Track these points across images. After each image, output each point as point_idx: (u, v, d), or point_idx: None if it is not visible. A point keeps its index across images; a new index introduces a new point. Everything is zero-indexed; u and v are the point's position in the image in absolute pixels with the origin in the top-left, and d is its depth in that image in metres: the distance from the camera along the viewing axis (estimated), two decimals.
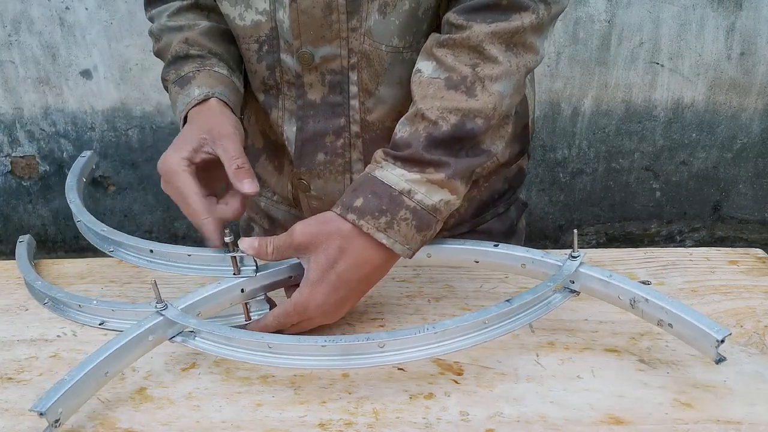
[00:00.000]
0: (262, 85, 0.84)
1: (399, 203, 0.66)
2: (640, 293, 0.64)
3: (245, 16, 0.79)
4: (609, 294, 0.67)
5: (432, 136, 0.66)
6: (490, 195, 0.92)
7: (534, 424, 0.58)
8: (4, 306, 0.79)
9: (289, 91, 0.82)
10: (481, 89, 0.67)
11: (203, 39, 0.82)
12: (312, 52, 0.77)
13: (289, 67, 0.80)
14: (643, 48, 2.18)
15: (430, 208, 0.66)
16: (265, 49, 0.80)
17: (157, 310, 0.64)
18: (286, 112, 0.84)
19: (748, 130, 2.31)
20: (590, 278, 0.67)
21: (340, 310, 0.69)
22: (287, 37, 0.77)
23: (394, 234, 0.66)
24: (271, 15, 0.77)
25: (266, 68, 0.81)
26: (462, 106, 0.66)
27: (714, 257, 0.85)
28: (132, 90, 2.17)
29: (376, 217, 0.65)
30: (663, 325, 0.63)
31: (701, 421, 0.58)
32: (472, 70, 0.67)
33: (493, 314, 0.62)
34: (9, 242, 2.50)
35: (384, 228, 0.65)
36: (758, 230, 2.47)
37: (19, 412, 0.62)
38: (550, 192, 2.38)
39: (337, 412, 0.60)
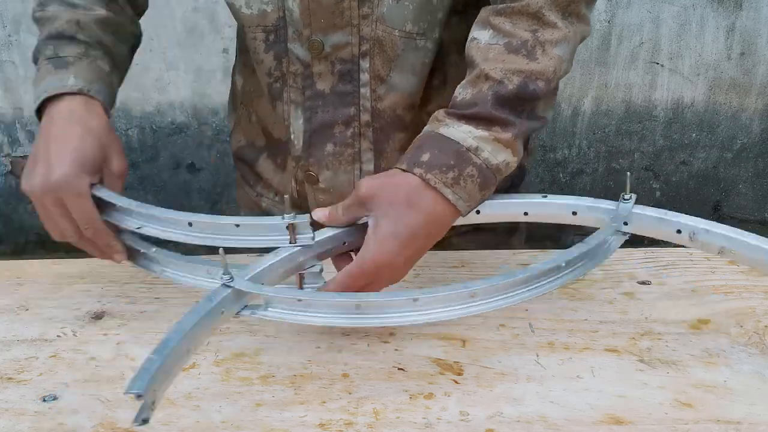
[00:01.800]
0: (267, 76, 0.83)
1: (466, 159, 0.65)
2: (699, 225, 0.67)
3: (252, 4, 0.78)
4: (665, 230, 0.69)
5: (499, 94, 0.66)
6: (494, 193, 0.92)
7: (534, 424, 0.58)
8: (4, 306, 0.79)
9: (294, 83, 0.81)
10: (541, 53, 0.67)
11: (95, 27, 0.78)
12: (322, 40, 0.76)
13: (297, 57, 0.79)
14: (643, 48, 2.18)
15: (494, 167, 0.66)
16: (272, 38, 0.79)
17: (224, 282, 0.60)
18: (291, 104, 0.83)
19: (748, 130, 2.31)
20: (645, 217, 0.69)
21: (407, 267, 0.66)
22: (297, 25, 0.77)
23: (460, 190, 0.65)
24: (279, 4, 0.76)
25: (273, 58, 0.81)
26: (524, 68, 0.66)
27: (714, 257, 0.85)
28: (132, 90, 2.17)
29: (444, 172, 0.64)
30: (725, 252, 0.66)
31: (701, 421, 0.58)
32: (533, 34, 0.67)
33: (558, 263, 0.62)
34: (9, 242, 2.50)
35: (451, 183, 0.65)
36: (758, 230, 2.47)
37: (19, 412, 0.62)
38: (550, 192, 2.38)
39: (337, 412, 0.60)
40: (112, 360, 0.69)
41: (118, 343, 0.72)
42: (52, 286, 0.84)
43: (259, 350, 0.69)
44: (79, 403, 0.63)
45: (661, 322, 0.72)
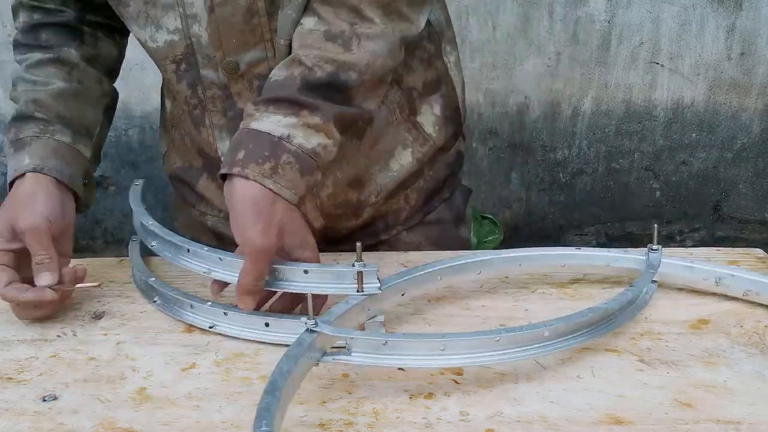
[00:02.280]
0: (185, 104, 0.83)
1: (281, 148, 0.67)
2: (724, 271, 0.75)
3: (156, 37, 0.78)
4: (693, 277, 0.76)
5: (307, 80, 0.69)
6: (435, 183, 0.93)
7: (534, 424, 0.58)
8: (4, 306, 0.79)
9: (214, 107, 0.81)
10: (357, 45, 0.71)
11: (53, 101, 0.80)
12: (237, 60, 0.76)
13: (212, 82, 0.79)
14: (643, 48, 2.18)
15: (310, 151, 0.68)
16: (183, 67, 0.79)
17: (309, 327, 0.60)
18: (215, 128, 0.83)
19: (748, 130, 2.31)
20: (674, 266, 0.76)
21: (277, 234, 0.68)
22: (207, 50, 0.77)
23: (280, 179, 0.67)
24: (185, 32, 0.76)
25: (187, 86, 0.81)
26: (338, 57, 0.70)
27: (714, 257, 0.85)
28: (132, 90, 2.17)
29: (261, 164, 0.66)
30: (750, 294, 0.74)
31: (701, 421, 0.58)
32: (351, 27, 0.71)
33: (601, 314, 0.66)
34: None
35: (270, 174, 0.66)
36: (758, 230, 2.47)
37: (19, 412, 0.62)
38: (550, 192, 2.38)
39: (337, 412, 0.60)
40: (112, 360, 0.69)
41: (118, 343, 0.72)
42: None
43: (259, 350, 0.69)
44: (79, 403, 0.63)
45: (661, 322, 0.72)
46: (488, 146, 2.33)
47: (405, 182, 0.90)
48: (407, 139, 0.88)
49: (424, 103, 0.89)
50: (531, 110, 2.28)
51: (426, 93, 0.89)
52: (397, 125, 0.87)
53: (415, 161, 0.89)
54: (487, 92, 2.26)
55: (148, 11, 0.76)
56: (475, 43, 2.18)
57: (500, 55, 2.21)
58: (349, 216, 0.90)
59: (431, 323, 0.73)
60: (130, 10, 0.77)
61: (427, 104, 0.89)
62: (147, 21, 0.77)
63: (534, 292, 0.78)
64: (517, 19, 2.16)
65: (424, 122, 0.89)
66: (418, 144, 0.89)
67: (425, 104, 0.89)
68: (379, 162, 0.88)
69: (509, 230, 2.39)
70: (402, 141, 0.88)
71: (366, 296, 0.67)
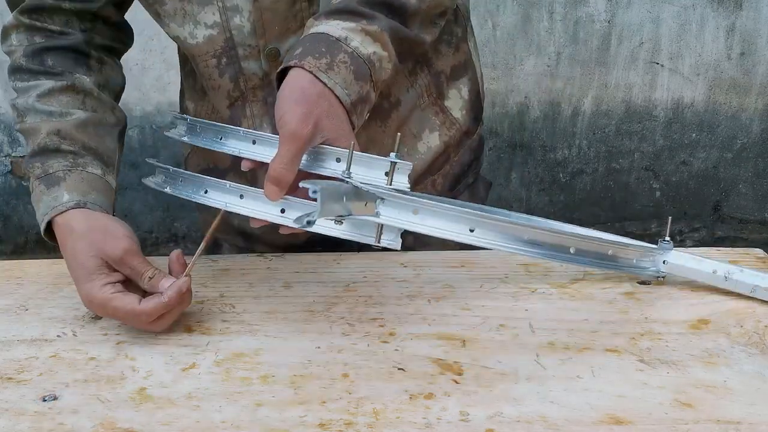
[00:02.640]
0: (227, 99, 0.82)
1: (337, 48, 0.68)
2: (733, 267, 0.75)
3: (196, 33, 0.78)
4: (702, 270, 0.77)
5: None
6: (461, 168, 0.95)
7: (534, 424, 0.58)
8: (4, 306, 0.79)
9: (254, 97, 0.81)
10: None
11: (77, 132, 0.77)
12: (278, 47, 0.77)
13: (253, 73, 0.79)
14: (643, 48, 2.18)
15: (365, 57, 0.69)
16: (224, 61, 0.79)
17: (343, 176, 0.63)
18: (255, 118, 0.83)
19: (748, 130, 2.31)
20: (684, 258, 0.78)
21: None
22: (248, 41, 0.77)
23: (335, 75, 0.67)
24: (224, 26, 0.77)
25: (229, 80, 0.81)
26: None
27: (714, 257, 0.85)
28: (132, 90, 2.18)
29: (317, 58, 0.67)
30: (757, 290, 0.74)
31: (701, 421, 0.58)
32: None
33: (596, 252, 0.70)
34: (9, 242, 2.50)
35: (325, 69, 0.67)
36: (758, 230, 2.47)
37: (19, 412, 0.62)
38: (550, 192, 2.38)
39: (337, 412, 0.60)
40: (112, 360, 0.69)
41: (118, 343, 0.72)
42: (52, 286, 0.84)
43: (259, 350, 0.69)
44: (79, 403, 0.63)
45: (661, 322, 0.72)
46: (488, 146, 2.33)
47: (432, 166, 0.91)
48: (435, 123, 0.90)
49: (452, 87, 0.91)
50: (531, 110, 2.28)
51: (453, 77, 0.91)
52: (425, 108, 0.89)
53: (443, 144, 0.91)
54: (487, 92, 2.25)
55: (185, 8, 0.76)
56: None
57: (500, 55, 2.21)
58: None
59: (431, 323, 0.73)
60: (166, 8, 0.77)
61: (455, 88, 0.91)
62: (185, 18, 0.77)
63: (534, 292, 0.78)
64: (517, 19, 2.16)
65: (451, 106, 0.91)
66: (446, 128, 0.90)
67: (453, 88, 0.91)
68: (407, 144, 0.89)
69: None
70: (429, 125, 0.89)
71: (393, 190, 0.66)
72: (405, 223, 0.62)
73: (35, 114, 0.77)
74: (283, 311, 0.76)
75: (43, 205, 0.74)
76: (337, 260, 0.87)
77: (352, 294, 0.79)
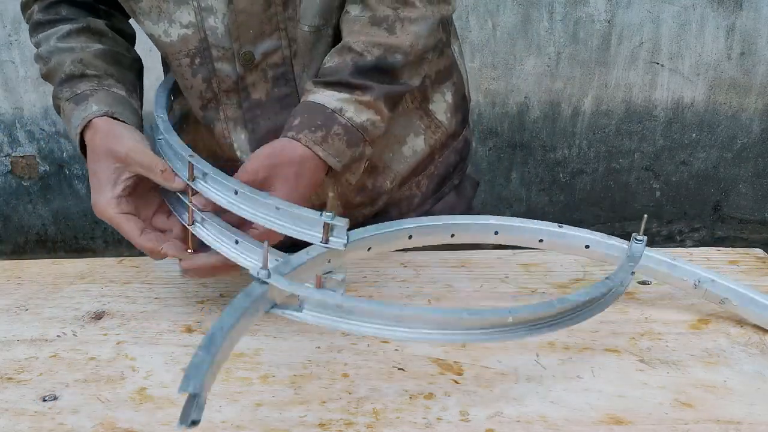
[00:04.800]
0: (199, 100, 0.83)
1: (332, 119, 0.72)
2: (705, 275, 0.70)
3: (170, 32, 0.78)
4: (673, 275, 0.72)
5: (358, 65, 0.74)
6: (446, 169, 0.96)
7: (534, 424, 0.58)
8: (4, 306, 0.79)
9: (228, 100, 0.82)
10: (401, 28, 0.75)
11: (98, 61, 0.80)
12: (252, 50, 0.78)
13: (226, 75, 0.80)
14: (643, 48, 2.18)
15: (359, 126, 0.73)
16: (197, 61, 0.80)
17: (262, 277, 0.57)
18: (229, 122, 0.83)
19: (748, 130, 2.31)
20: (656, 260, 0.72)
21: None
22: (222, 43, 0.78)
23: (328, 147, 0.72)
24: (199, 26, 0.77)
25: (202, 81, 0.81)
26: (384, 41, 0.74)
27: (714, 257, 0.85)
28: None
29: (313, 132, 0.71)
30: (727, 303, 0.70)
31: (701, 421, 0.58)
32: (394, 11, 0.75)
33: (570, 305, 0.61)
34: (9, 242, 2.50)
35: (320, 141, 0.71)
36: (758, 230, 2.47)
37: (19, 412, 0.62)
38: (550, 192, 2.38)
39: (337, 412, 0.60)
40: (112, 360, 0.69)
41: (118, 343, 0.72)
42: (52, 286, 0.84)
43: (259, 350, 0.69)
44: (79, 403, 0.63)
45: (661, 322, 0.72)
46: (488, 146, 2.33)
47: (417, 168, 0.92)
48: (419, 127, 0.90)
49: (437, 91, 0.91)
50: (531, 110, 2.28)
51: (438, 81, 0.91)
52: (409, 113, 0.89)
53: (428, 148, 0.92)
54: (487, 92, 2.26)
55: (160, 6, 0.77)
56: (475, 43, 2.18)
57: (500, 55, 2.21)
58: (367, 204, 0.92)
59: None
60: (142, 5, 0.78)
61: (440, 92, 0.92)
62: (160, 16, 0.78)
63: (534, 293, 0.78)
64: (517, 19, 2.16)
65: (436, 110, 0.91)
66: (431, 131, 0.91)
67: (437, 92, 0.91)
68: (392, 149, 0.90)
69: None
70: (414, 129, 0.90)
71: (329, 249, 0.64)
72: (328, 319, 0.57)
73: (59, 53, 0.81)
74: None
75: (74, 118, 0.76)
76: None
77: (352, 294, 0.79)
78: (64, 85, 0.79)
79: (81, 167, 2.34)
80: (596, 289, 0.63)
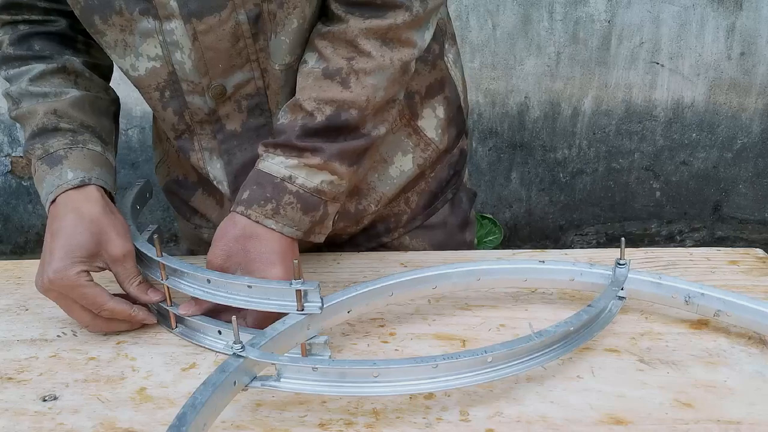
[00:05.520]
0: (173, 131, 0.80)
1: (282, 189, 0.70)
2: (695, 289, 0.69)
3: (137, 66, 0.75)
4: (661, 295, 0.71)
5: (306, 127, 0.70)
6: (438, 184, 0.91)
7: (534, 424, 0.58)
8: (4, 306, 0.79)
9: (202, 130, 0.79)
10: (355, 81, 0.70)
11: (73, 110, 0.76)
12: (223, 83, 0.75)
13: (198, 107, 0.77)
14: (643, 48, 2.18)
15: (312, 190, 0.70)
16: (167, 94, 0.77)
17: (236, 351, 0.58)
18: (204, 152, 0.81)
19: (748, 130, 2.31)
20: (641, 282, 0.71)
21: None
22: (191, 77, 0.74)
23: (281, 218, 0.69)
24: (167, 59, 0.73)
25: (173, 113, 0.78)
26: (337, 97, 0.70)
27: (714, 257, 0.85)
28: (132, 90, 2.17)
29: (262, 205, 0.69)
30: (720, 315, 0.68)
31: (701, 421, 0.58)
32: (348, 62, 0.70)
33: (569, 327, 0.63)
34: (9, 242, 2.50)
35: (271, 214, 0.69)
36: (758, 230, 2.47)
37: (19, 412, 0.62)
38: (550, 192, 2.38)
39: (337, 412, 0.60)
40: (112, 360, 0.69)
41: (118, 343, 0.72)
42: None
43: None
44: (79, 403, 0.63)
45: (661, 322, 0.72)
46: (488, 146, 2.33)
47: (406, 187, 0.88)
48: (407, 145, 0.86)
49: (427, 106, 0.86)
50: (531, 110, 2.28)
51: (428, 96, 0.86)
52: (396, 131, 0.85)
53: (416, 167, 0.87)
54: (487, 92, 2.26)
55: (125, 39, 0.73)
56: (475, 43, 2.18)
57: (500, 55, 2.21)
58: (350, 225, 0.88)
59: (431, 323, 0.73)
60: (107, 39, 0.74)
61: (430, 107, 0.87)
62: (126, 50, 0.74)
63: (534, 292, 0.78)
64: (517, 19, 2.16)
65: (425, 126, 0.86)
66: (420, 149, 0.86)
67: (428, 107, 0.86)
68: (378, 170, 0.85)
69: (509, 230, 2.40)
70: (402, 147, 0.86)
71: (307, 315, 0.64)
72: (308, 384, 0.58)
73: (30, 98, 0.77)
74: None
75: (47, 184, 0.73)
76: (337, 260, 0.87)
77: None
78: (36, 140, 0.75)
79: None
80: (579, 318, 0.64)
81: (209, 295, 0.67)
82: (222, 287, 0.66)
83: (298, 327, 0.64)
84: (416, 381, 0.58)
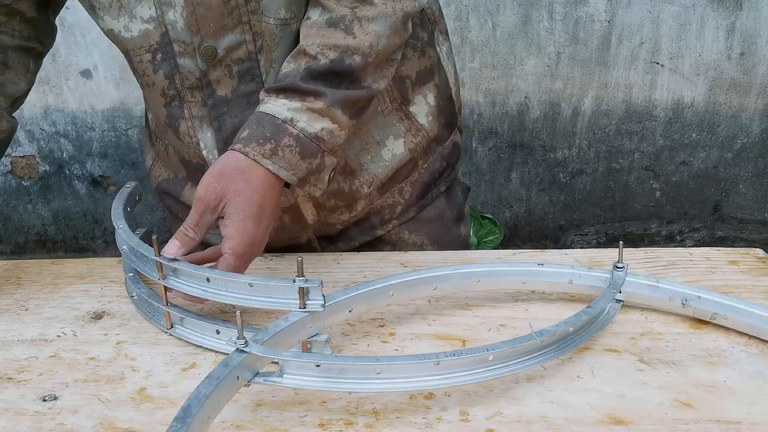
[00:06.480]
0: (162, 97, 0.81)
1: (282, 131, 0.69)
2: (691, 292, 0.70)
3: (131, 27, 0.76)
4: (658, 297, 0.72)
5: (311, 69, 0.70)
6: (431, 175, 0.93)
7: (534, 424, 0.58)
8: (4, 306, 0.79)
9: (193, 97, 0.80)
10: (359, 28, 0.71)
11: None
12: (214, 45, 0.76)
13: (189, 71, 0.78)
14: (643, 48, 2.18)
15: (312, 135, 0.70)
16: (159, 57, 0.78)
17: (239, 347, 0.58)
18: (194, 120, 0.81)
19: (748, 130, 2.31)
20: (638, 285, 0.72)
21: (265, 237, 0.71)
22: (183, 37, 0.75)
23: (279, 160, 0.69)
24: (160, 20, 0.75)
25: (164, 77, 0.79)
26: (341, 42, 0.71)
27: (714, 257, 0.85)
28: (132, 90, 2.17)
29: (261, 144, 0.69)
30: (717, 317, 0.69)
31: (701, 421, 0.58)
32: (351, 11, 0.71)
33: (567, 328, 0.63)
34: (9, 242, 2.50)
35: (269, 155, 0.69)
36: (758, 230, 2.47)
37: (19, 412, 0.62)
38: (550, 192, 2.38)
39: (337, 412, 0.60)
40: (112, 360, 0.69)
41: (118, 343, 0.72)
42: (52, 286, 0.84)
43: None
44: (79, 403, 0.63)
45: (661, 322, 0.72)
46: (488, 146, 2.33)
47: (398, 174, 0.89)
48: (399, 129, 0.88)
49: (418, 93, 0.89)
50: (531, 110, 2.28)
51: (419, 83, 0.88)
52: (388, 114, 0.87)
53: (408, 152, 0.89)
54: (487, 92, 2.26)
55: (120, 0, 0.75)
56: (475, 43, 2.18)
57: (500, 55, 2.21)
58: (342, 208, 0.89)
59: (431, 323, 0.73)
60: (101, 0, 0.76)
61: (421, 94, 0.89)
62: (120, 10, 0.75)
63: (534, 292, 0.78)
64: (517, 19, 2.16)
65: (417, 112, 0.89)
66: (411, 134, 0.88)
67: (419, 94, 0.89)
68: (370, 151, 0.87)
69: (509, 230, 2.40)
70: (394, 131, 0.88)
71: (308, 313, 0.64)
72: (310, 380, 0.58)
73: None
74: None
75: None
76: (336, 260, 0.87)
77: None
78: None
79: (81, 167, 2.34)
80: (578, 318, 0.65)
81: (209, 294, 0.67)
82: (223, 286, 0.66)
83: (300, 324, 0.64)
84: (418, 378, 0.58)
